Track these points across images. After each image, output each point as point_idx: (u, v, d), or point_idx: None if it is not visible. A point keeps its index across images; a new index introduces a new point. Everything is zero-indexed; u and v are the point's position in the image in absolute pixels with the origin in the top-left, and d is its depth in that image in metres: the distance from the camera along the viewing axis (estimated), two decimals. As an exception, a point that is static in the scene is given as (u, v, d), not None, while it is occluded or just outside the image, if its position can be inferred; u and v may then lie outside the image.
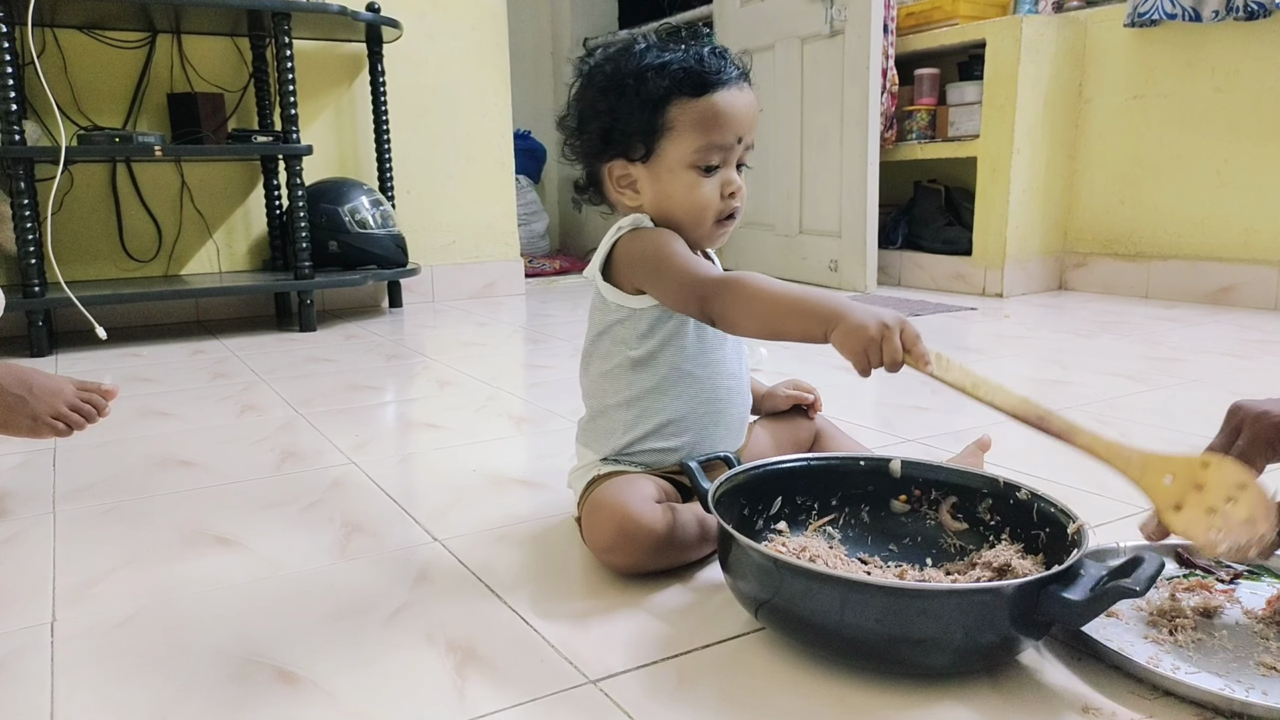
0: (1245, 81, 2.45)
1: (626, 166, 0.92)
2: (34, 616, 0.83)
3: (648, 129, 0.89)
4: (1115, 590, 0.64)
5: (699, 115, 0.88)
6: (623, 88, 0.89)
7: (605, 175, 0.94)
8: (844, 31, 2.87)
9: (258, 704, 0.68)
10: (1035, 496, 0.81)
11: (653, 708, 0.66)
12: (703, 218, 0.92)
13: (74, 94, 2.43)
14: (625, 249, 0.92)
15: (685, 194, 0.90)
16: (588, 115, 0.93)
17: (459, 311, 2.78)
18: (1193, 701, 0.64)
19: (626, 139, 0.90)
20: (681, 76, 0.87)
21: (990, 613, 0.65)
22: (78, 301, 2.06)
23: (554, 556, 0.94)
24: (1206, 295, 2.59)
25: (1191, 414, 1.44)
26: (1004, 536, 0.83)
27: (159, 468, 1.27)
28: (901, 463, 0.90)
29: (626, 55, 0.90)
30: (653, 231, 0.91)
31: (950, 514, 0.87)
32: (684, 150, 0.89)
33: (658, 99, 0.88)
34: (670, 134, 0.88)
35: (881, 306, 0.78)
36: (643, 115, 0.88)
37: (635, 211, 0.94)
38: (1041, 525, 0.80)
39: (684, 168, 0.89)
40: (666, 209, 0.92)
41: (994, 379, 0.75)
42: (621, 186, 0.94)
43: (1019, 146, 2.72)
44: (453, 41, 2.92)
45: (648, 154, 0.90)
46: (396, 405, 1.70)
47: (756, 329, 0.82)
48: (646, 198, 0.93)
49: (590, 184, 0.97)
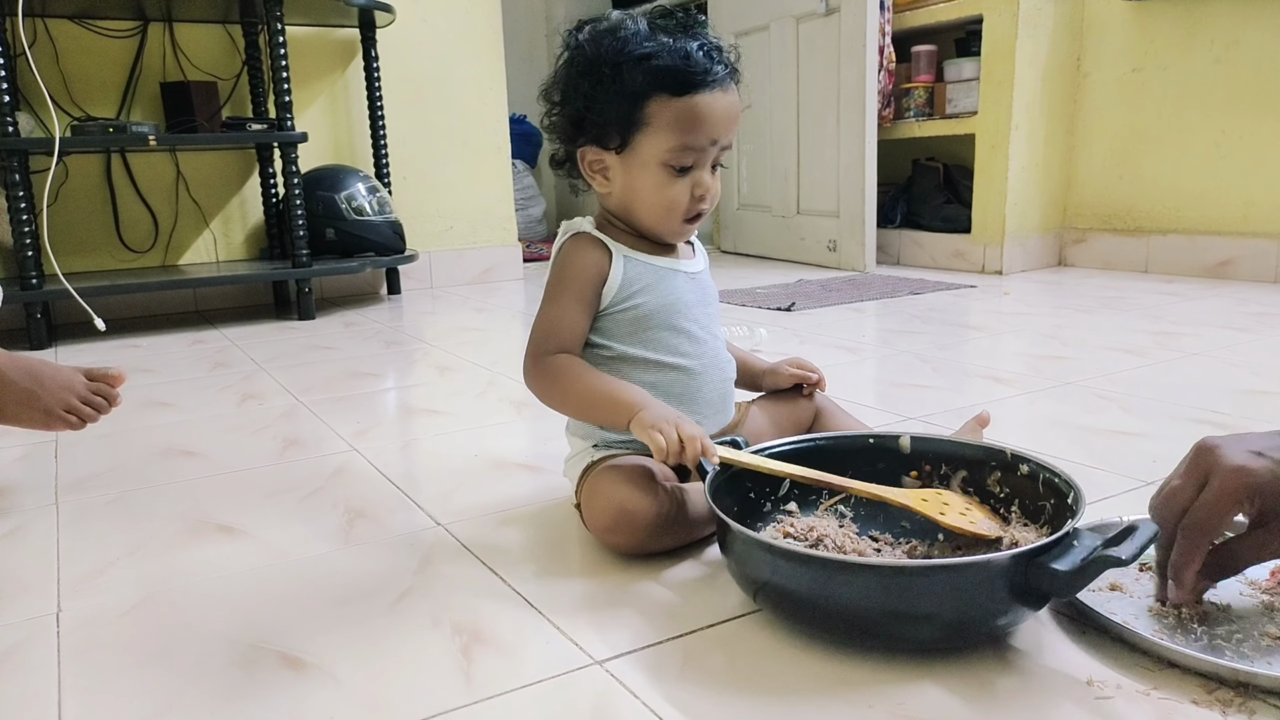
0: (1245, 53, 2.43)
1: (600, 153, 0.91)
2: (39, 607, 0.83)
3: (624, 121, 0.87)
4: (1102, 560, 0.64)
5: (677, 115, 0.86)
6: (602, 74, 0.87)
7: (579, 158, 0.93)
8: (840, 9, 2.85)
9: (264, 690, 0.68)
10: (1040, 467, 0.81)
11: (658, 688, 0.66)
12: (669, 216, 0.92)
13: (67, 84, 2.42)
14: (551, 268, 0.95)
15: (655, 191, 0.90)
16: (568, 95, 0.91)
17: (457, 297, 2.77)
18: (1198, 673, 0.64)
19: (602, 126, 0.89)
20: (664, 73, 0.85)
21: (980, 586, 0.65)
22: (75, 293, 2.06)
23: (557, 539, 0.94)
24: (1206, 269, 2.58)
25: (1191, 387, 1.44)
26: (1014, 509, 0.83)
27: (161, 458, 1.27)
28: (910, 438, 0.90)
29: (612, 39, 0.88)
30: (563, 262, 0.93)
31: (960, 488, 0.87)
32: (658, 148, 0.87)
33: (637, 92, 0.86)
34: (646, 129, 0.87)
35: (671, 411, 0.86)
36: (620, 106, 0.87)
37: (605, 196, 0.94)
38: (1047, 496, 0.80)
39: (657, 165, 0.88)
40: (634, 202, 0.92)
41: (776, 464, 0.84)
42: (594, 171, 0.93)
43: (1017, 122, 2.71)
44: (446, 26, 2.90)
45: (622, 145, 0.89)
46: (397, 392, 1.70)
47: (568, 412, 0.93)
48: (616, 187, 0.92)
49: (567, 160, 0.96)
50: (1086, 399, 1.40)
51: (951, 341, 1.87)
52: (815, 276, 2.86)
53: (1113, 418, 1.29)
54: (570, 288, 0.92)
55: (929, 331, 1.96)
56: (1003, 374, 1.58)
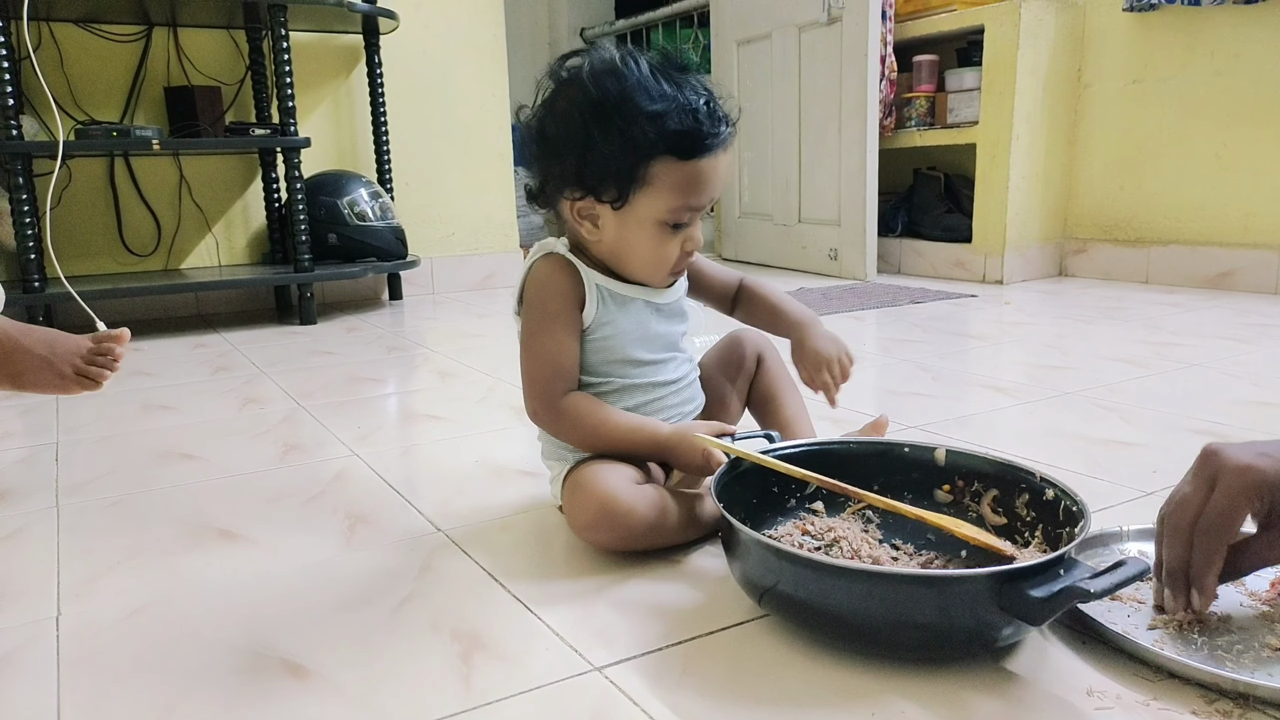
0: (1245, 65, 2.44)
1: (592, 203, 0.88)
2: (39, 611, 0.83)
3: (624, 176, 0.84)
4: (1070, 591, 0.63)
5: (683, 178, 0.84)
6: (608, 125, 0.82)
7: (565, 202, 0.89)
8: (842, 19, 2.86)
9: (264, 696, 0.68)
10: (1062, 494, 0.79)
11: (658, 694, 0.66)
12: (658, 270, 0.91)
13: (71, 88, 2.43)
14: (528, 292, 0.93)
15: (648, 247, 0.89)
16: (563, 139, 0.86)
17: (459, 303, 2.77)
18: (1198, 683, 0.64)
19: (600, 179, 0.85)
20: (673, 136, 0.82)
21: (962, 600, 0.65)
22: (78, 296, 2.06)
23: (557, 545, 0.94)
24: (1206, 280, 2.59)
25: (1192, 398, 1.44)
26: (1037, 533, 0.81)
27: (162, 461, 1.27)
28: (946, 451, 0.89)
29: (615, 82, 0.83)
30: (544, 288, 0.91)
31: (991, 507, 0.86)
32: (658, 207, 0.86)
33: (643, 151, 0.83)
34: (648, 188, 0.85)
35: None
36: (623, 161, 0.83)
37: (591, 242, 0.91)
38: (1065, 523, 0.78)
39: (653, 223, 0.87)
40: (623, 254, 0.90)
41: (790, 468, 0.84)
42: (581, 217, 0.89)
43: (1018, 133, 2.72)
44: (449, 32, 2.91)
45: (619, 200, 0.86)
46: (398, 397, 1.70)
47: (591, 448, 0.91)
48: (605, 237, 0.89)
49: (544, 195, 0.91)
50: (1087, 409, 1.40)
51: (952, 350, 1.87)
52: (816, 285, 2.86)
53: (1113, 428, 1.30)
54: (560, 318, 0.91)
55: (929, 340, 1.96)
56: (1003, 383, 1.58)
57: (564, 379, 0.91)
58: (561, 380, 0.91)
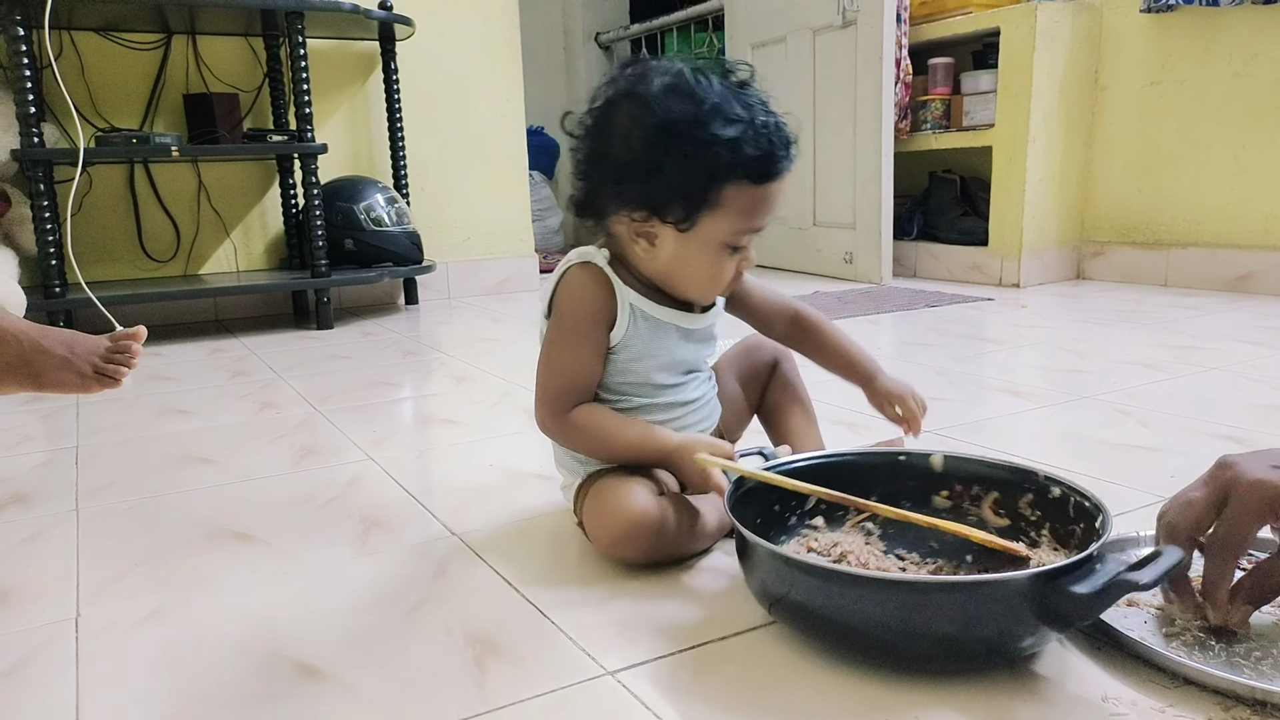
0: (1264, 66, 2.42)
1: (654, 223, 0.84)
2: (58, 613, 0.84)
3: (695, 199, 0.81)
4: (1122, 584, 0.63)
5: (752, 202, 0.83)
6: (680, 148, 0.80)
7: (621, 217, 0.86)
8: (856, 22, 2.86)
9: (279, 698, 0.68)
10: (1071, 490, 0.79)
11: (670, 700, 0.66)
12: (712, 289, 0.90)
13: (91, 96, 2.45)
14: (559, 299, 0.91)
15: (707, 268, 0.87)
16: (626, 158, 0.82)
17: (474, 308, 2.78)
18: (1214, 690, 0.64)
19: (667, 200, 0.82)
20: (750, 161, 0.81)
21: (997, 605, 0.64)
22: (98, 301, 2.08)
23: (571, 549, 0.94)
24: (1226, 283, 2.56)
25: (1210, 402, 1.42)
26: (1044, 532, 0.81)
27: (179, 465, 1.28)
28: (944, 457, 0.88)
29: (689, 106, 0.80)
30: (577, 300, 0.89)
31: (993, 510, 0.86)
32: (724, 230, 0.84)
33: (718, 175, 0.80)
34: (716, 211, 0.82)
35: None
36: (695, 184, 0.81)
37: (644, 260, 0.88)
38: (1077, 520, 0.78)
39: (717, 245, 0.85)
40: (678, 273, 0.88)
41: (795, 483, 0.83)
42: (637, 235, 0.86)
43: (1035, 135, 2.70)
44: (465, 38, 2.93)
45: (685, 222, 0.83)
46: (413, 401, 1.71)
47: (601, 458, 0.92)
48: (662, 256, 0.86)
49: (593, 207, 0.88)
50: (1104, 413, 1.39)
51: (968, 354, 1.86)
52: (831, 289, 2.86)
53: (1130, 432, 1.29)
54: (586, 334, 0.89)
55: (945, 344, 1.95)
56: (1019, 387, 1.57)
57: (576, 395, 0.90)
58: (573, 395, 0.90)
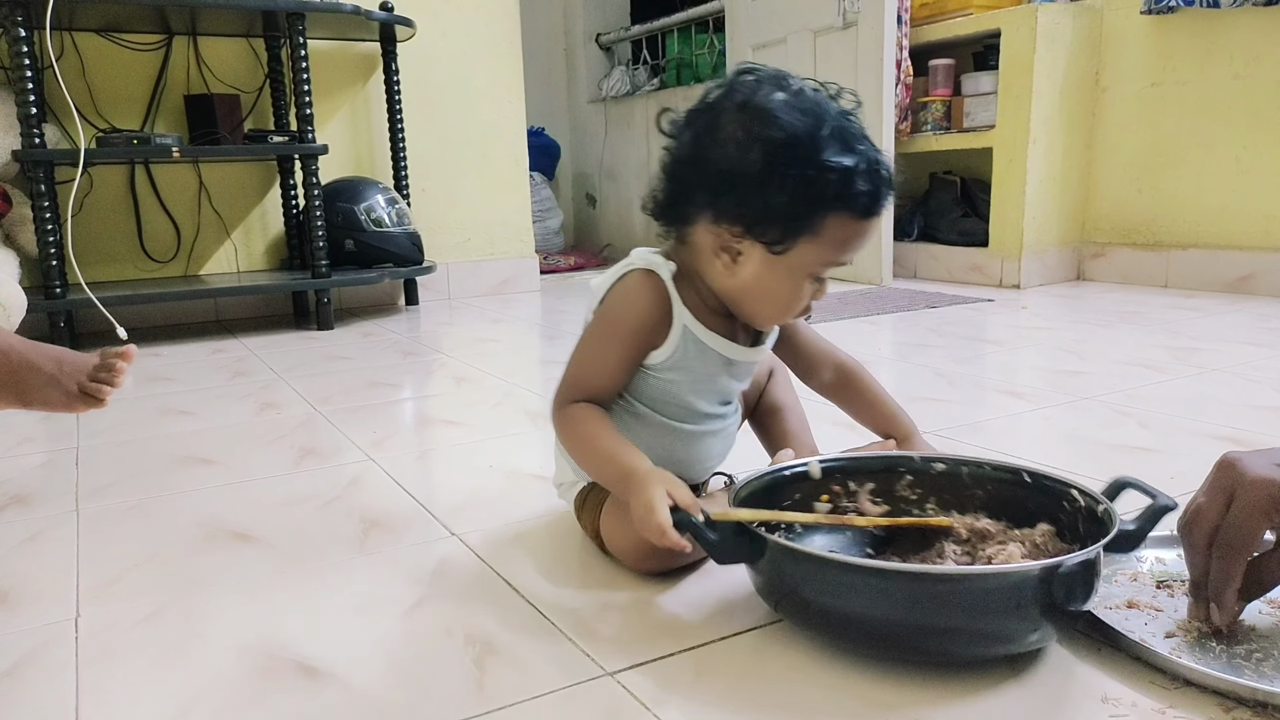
0: (1265, 68, 2.42)
1: (746, 241, 0.80)
2: (59, 613, 0.84)
3: (796, 223, 0.78)
4: (1154, 510, 0.71)
5: (849, 235, 0.80)
6: (793, 169, 0.76)
7: (708, 228, 0.82)
8: (857, 23, 2.86)
9: (279, 697, 0.68)
10: (960, 462, 0.84)
11: (670, 700, 0.66)
12: (783, 315, 0.87)
13: (92, 97, 2.46)
14: (611, 297, 0.88)
15: (787, 295, 0.83)
16: (733, 169, 0.78)
17: (475, 308, 2.79)
18: (1215, 691, 0.64)
19: (767, 219, 0.78)
20: (860, 195, 0.78)
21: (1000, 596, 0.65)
22: (98, 302, 2.09)
23: (570, 550, 0.94)
24: (1226, 284, 2.56)
25: (1211, 403, 1.42)
26: (929, 506, 0.85)
27: (180, 465, 1.28)
28: (819, 464, 0.87)
29: (811, 126, 0.77)
30: (626, 307, 0.86)
31: (870, 499, 0.86)
32: (815, 259, 0.80)
33: (825, 202, 0.77)
34: (814, 239, 0.79)
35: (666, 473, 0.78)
36: (802, 207, 0.77)
37: (720, 276, 0.83)
38: (974, 487, 0.84)
39: (804, 272, 0.82)
40: (754, 295, 0.84)
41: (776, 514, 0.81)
42: (720, 251, 0.82)
43: (1035, 136, 2.70)
44: (466, 39, 2.93)
45: (780, 244, 0.79)
46: (414, 402, 1.71)
47: (579, 463, 0.89)
48: (743, 276, 0.82)
49: (678, 214, 0.84)
50: (1104, 415, 1.39)
51: (968, 355, 1.86)
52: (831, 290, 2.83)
53: (1131, 433, 1.29)
54: (624, 344, 0.86)
55: (945, 345, 1.95)
56: (1020, 388, 1.57)
57: (586, 393, 0.87)
58: (582, 392, 0.87)
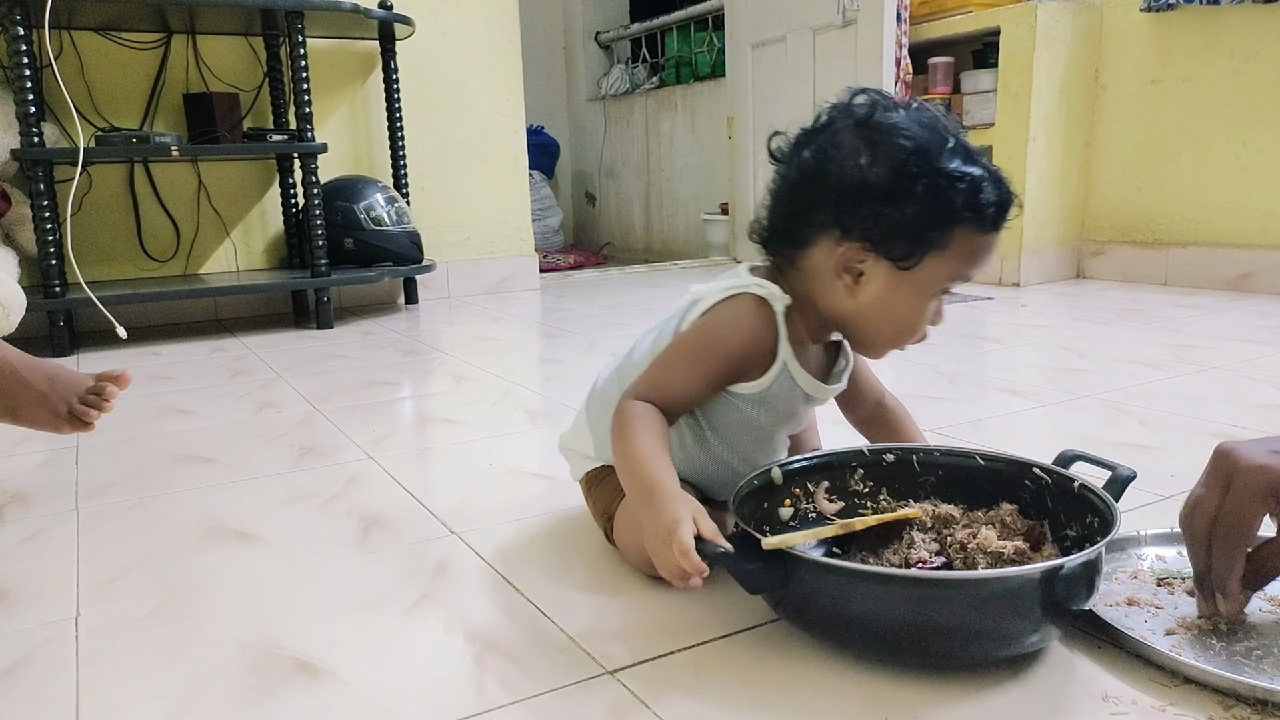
0: (1265, 64, 2.42)
1: (871, 259, 0.78)
2: (59, 611, 0.84)
3: (926, 237, 0.76)
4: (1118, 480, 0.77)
5: (975, 250, 0.78)
6: (931, 179, 0.75)
7: (829, 248, 0.79)
8: (856, 21, 2.85)
9: (279, 695, 0.68)
10: (910, 450, 0.86)
11: (671, 698, 0.66)
12: (901, 341, 0.83)
13: (91, 96, 2.45)
14: (718, 314, 0.83)
15: (909, 315, 0.80)
16: (867, 179, 0.77)
17: (474, 307, 2.78)
18: (1215, 689, 0.64)
19: (895, 235, 0.76)
20: (988, 206, 0.76)
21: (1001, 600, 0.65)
22: (98, 301, 2.08)
23: (570, 548, 0.94)
24: (1226, 282, 2.56)
25: (1211, 401, 1.42)
26: (882, 496, 0.87)
27: (179, 464, 1.28)
28: (781, 469, 0.86)
29: (937, 140, 0.77)
30: (731, 332, 0.81)
31: (826, 497, 0.87)
32: (942, 274, 0.78)
33: (955, 215, 0.76)
34: (941, 254, 0.77)
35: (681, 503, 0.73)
36: (932, 220, 0.76)
37: (840, 297, 0.80)
38: (926, 475, 0.86)
39: (930, 289, 0.79)
40: (877, 318, 0.81)
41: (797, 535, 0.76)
42: (842, 271, 0.79)
43: (1035, 134, 2.70)
44: (465, 37, 2.92)
45: (908, 259, 0.77)
46: (413, 400, 1.71)
47: (611, 453, 0.82)
48: (864, 295, 0.79)
49: (794, 236, 0.81)
50: (1104, 412, 1.39)
51: (968, 354, 1.86)
52: (831, 288, 2.85)
53: (1130, 431, 1.29)
54: (713, 368, 0.82)
55: (945, 343, 1.95)
56: (1019, 386, 1.57)
57: (656, 396, 0.82)
58: (655, 395, 0.82)
